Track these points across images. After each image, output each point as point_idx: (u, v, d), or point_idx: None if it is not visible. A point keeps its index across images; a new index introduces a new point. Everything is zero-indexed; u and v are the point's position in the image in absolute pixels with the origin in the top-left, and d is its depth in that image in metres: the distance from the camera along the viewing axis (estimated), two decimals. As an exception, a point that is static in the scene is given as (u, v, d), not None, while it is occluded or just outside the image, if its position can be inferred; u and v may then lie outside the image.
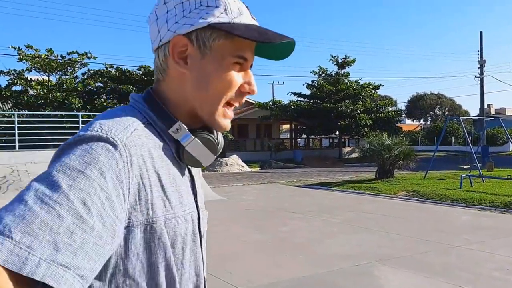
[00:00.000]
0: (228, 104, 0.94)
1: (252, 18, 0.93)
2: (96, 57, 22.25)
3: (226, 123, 0.94)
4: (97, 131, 0.79)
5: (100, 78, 23.06)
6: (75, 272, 0.67)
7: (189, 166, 0.97)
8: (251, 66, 0.96)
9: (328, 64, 75.32)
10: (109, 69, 23.41)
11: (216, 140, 0.95)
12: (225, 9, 0.89)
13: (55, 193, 0.69)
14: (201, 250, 0.97)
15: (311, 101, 31.51)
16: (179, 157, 0.91)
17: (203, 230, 0.99)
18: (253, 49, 0.94)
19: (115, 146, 0.78)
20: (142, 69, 23.48)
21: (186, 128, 0.90)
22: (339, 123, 28.73)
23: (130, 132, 0.82)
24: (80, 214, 0.69)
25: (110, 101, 21.94)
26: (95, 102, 21.48)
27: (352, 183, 14.82)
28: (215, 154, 0.94)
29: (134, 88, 22.10)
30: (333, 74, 31.20)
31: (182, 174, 0.93)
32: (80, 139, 0.77)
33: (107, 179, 0.74)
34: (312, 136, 34.23)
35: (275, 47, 0.96)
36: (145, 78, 23.22)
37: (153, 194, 0.83)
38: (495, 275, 5.08)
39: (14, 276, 0.62)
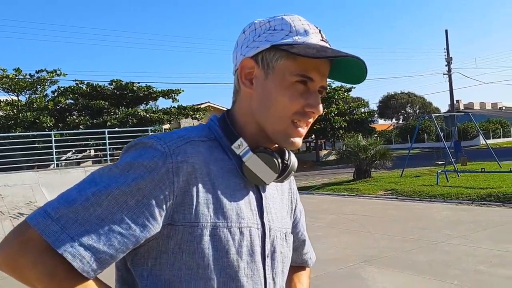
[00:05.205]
0: (296, 124, 0.94)
1: (322, 40, 0.94)
2: (66, 74, 21.78)
3: (291, 141, 0.95)
4: (152, 138, 0.88)
5: (71, 95, 22.52)
6: (94, 254, 0.78)
7: (264, 185, 0.99)
8: (325, 88, 0.96)
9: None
10: (79, 85, 22.87)
11: (276, 160, 0.95)
12: (290, 31, 0.92)
13: (96, 187, 0.82)
14: (264, 268, 0.96)
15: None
16: (242, 172, 0.94)
17: (271, 249, 0.99)
18: (323, 70, 0.94)
19: (161, 152, 0.85)
20: (113, 83, 23.04)
21: (247, 145, 0.93)
22: (314, 127, 28.94)
23: (185, 142, 0.89)
24: (111, 209, 0.80)
25: (82, 117, 21.47)
26: (67, 119, 21.05)
27: (332, 186, 14.94)
28: (276, 172, 0.96)
29: (106, 103, 21.72)
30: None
31: (246, 189, 0.95)
32: (136, 143, 0.89)
33: (146, 180, 0.83)
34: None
35: (350, 69, 0.95)
36: (117, 93, 22.77)
37: (199, 200, 0.87)
38: (480, 269, 5.18)
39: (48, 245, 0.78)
